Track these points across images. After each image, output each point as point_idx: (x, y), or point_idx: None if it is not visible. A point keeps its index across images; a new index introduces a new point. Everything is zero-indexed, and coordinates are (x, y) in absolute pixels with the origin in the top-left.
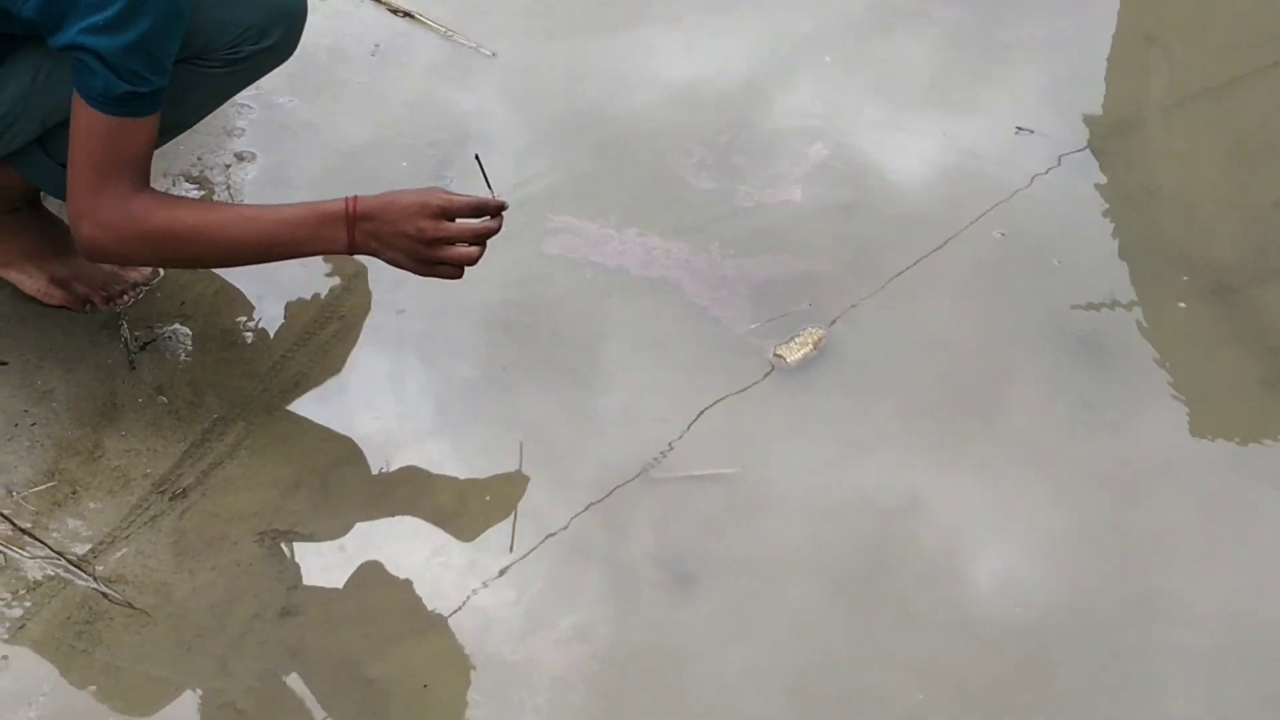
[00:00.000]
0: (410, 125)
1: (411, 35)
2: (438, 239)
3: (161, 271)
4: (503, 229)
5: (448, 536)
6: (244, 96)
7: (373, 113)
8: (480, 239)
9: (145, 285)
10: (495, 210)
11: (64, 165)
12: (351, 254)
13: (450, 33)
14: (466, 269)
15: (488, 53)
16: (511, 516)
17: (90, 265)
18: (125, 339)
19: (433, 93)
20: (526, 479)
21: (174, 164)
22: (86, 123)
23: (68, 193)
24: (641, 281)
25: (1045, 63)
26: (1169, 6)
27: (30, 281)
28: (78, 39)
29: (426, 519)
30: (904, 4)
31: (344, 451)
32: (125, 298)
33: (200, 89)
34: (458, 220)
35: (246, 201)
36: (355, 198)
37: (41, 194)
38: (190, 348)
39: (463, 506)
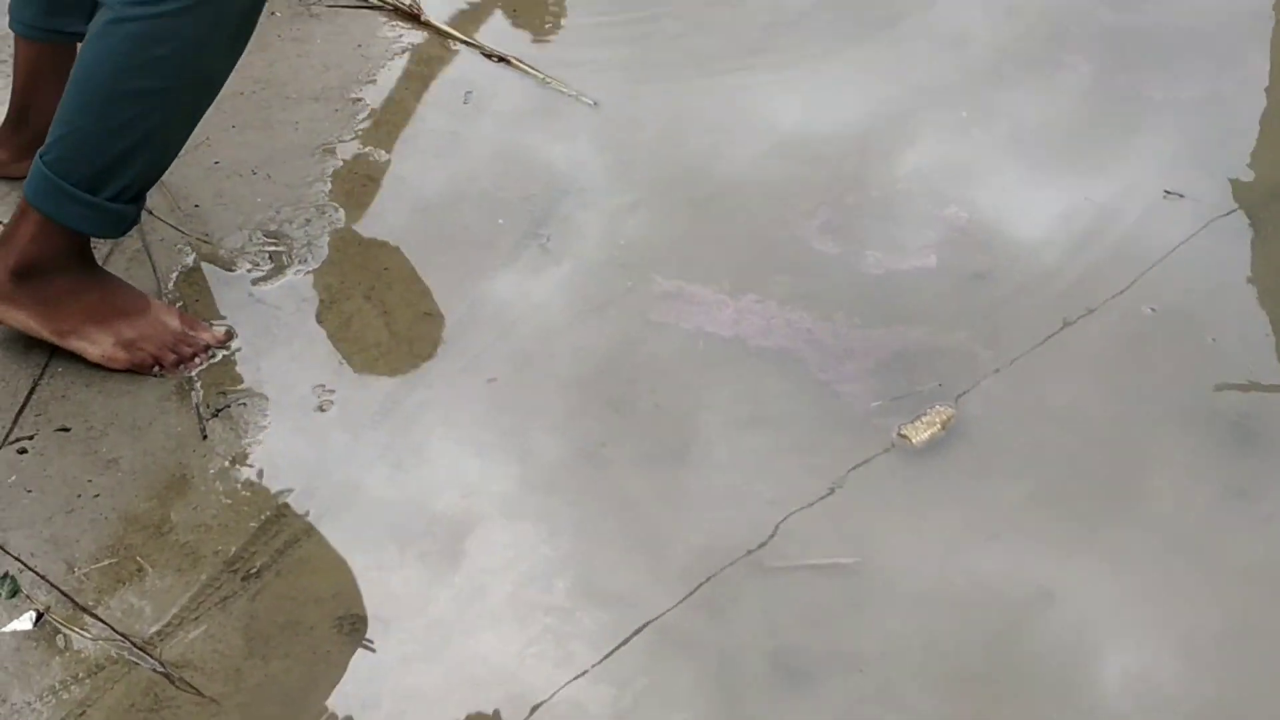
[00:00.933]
0: (503, 178)
1: (507, 81)
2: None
3: (236, 334)
4: (603, 293)
5: (540, 624)
6: (325, 143)
7: (463, 164)
8: None
9: (218, 347)
10: None
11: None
12: None
13: (548, 79)
14: None
15: (588, 101)
16: (608, 604)
17: (159, 325)
18: (197, 405)
19: (528, 143)
20: (623, 563)
21: (251, 216)
22: None
23: None
24: (758, 352)
25: (1194, 120)
26: None
27: (94, 348)
28: None
29: (516, 605)
30: (1038, 53)
31: (427, 530)
32: (196, 360)
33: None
34: None
35: (327, 257)
36: None
37: (93, 243)
38: (266, 416)
39: (554, 592)
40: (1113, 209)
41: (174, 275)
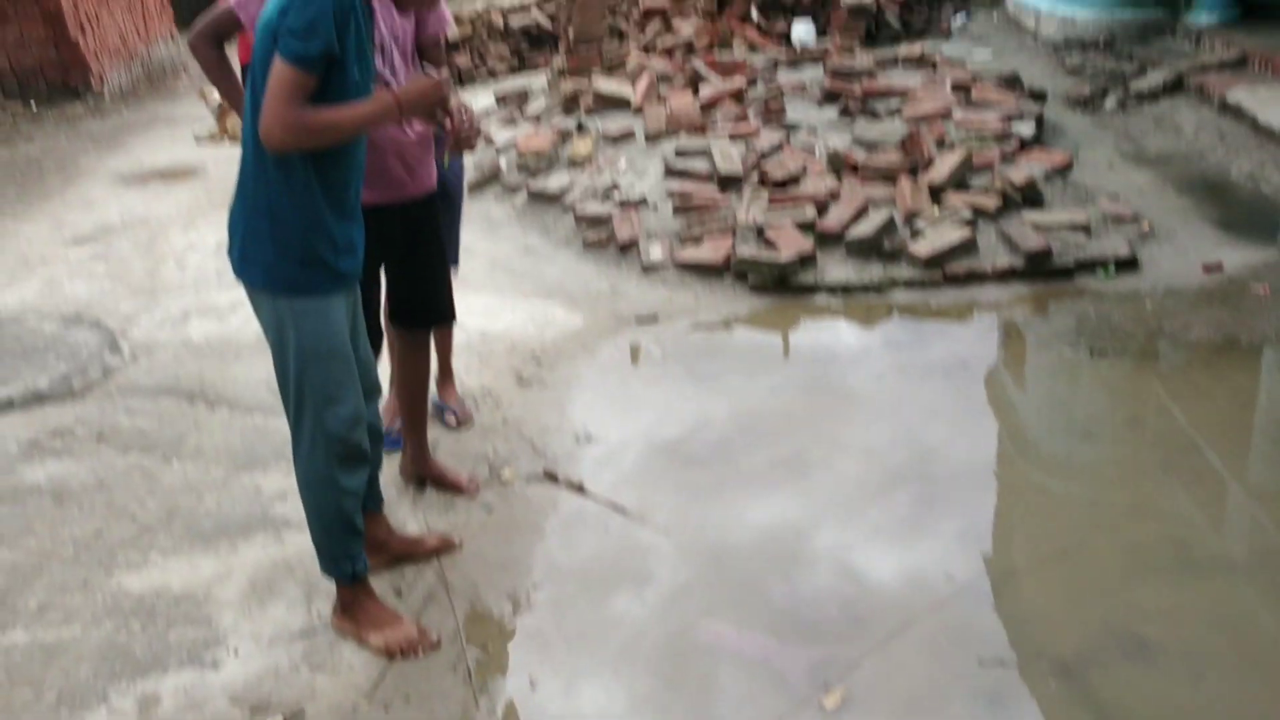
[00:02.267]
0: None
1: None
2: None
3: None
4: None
5: None
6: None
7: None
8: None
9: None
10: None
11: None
12: (400, 116)
13: (620, 507)
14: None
15: (661, 535)
16: None
17: (406, 631)
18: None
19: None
20: None
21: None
22: (279, 73)
23: (263, 116)
24: (742, 658)
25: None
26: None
27: (374, 640)
28: (281, 30)
29: None
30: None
31: None
32: (421, 653)
33: None
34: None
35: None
36: (393, 91)
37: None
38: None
39: None
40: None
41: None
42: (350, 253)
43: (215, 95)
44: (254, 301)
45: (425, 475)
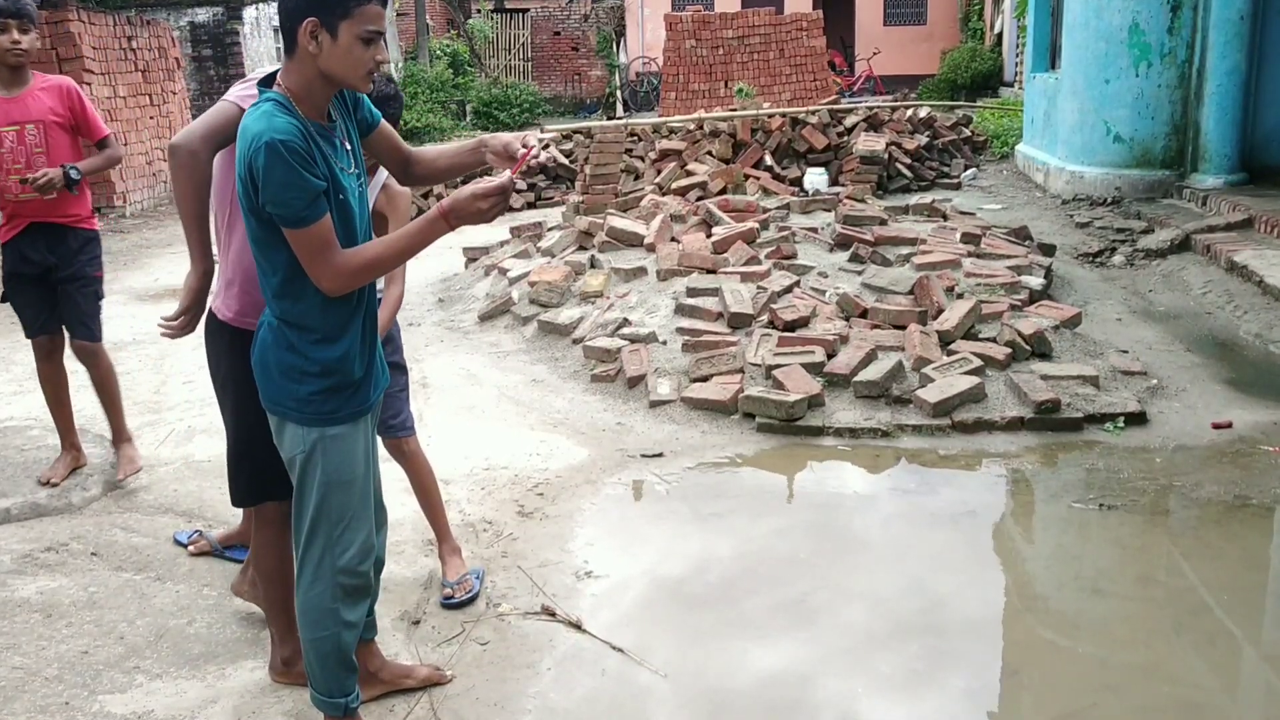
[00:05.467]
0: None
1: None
2: (487, 205)
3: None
4: None
5: None
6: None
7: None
8: (502, 192)
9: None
10: (508, 184)
11: None
12: (451, 229)
13: (618, 648)
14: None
15: (659, 678)
16: None
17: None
18: None
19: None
20: None
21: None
22: (297, 240)
23: (311, 276)
24: None
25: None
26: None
27: None
28: (266, 209)
29: None
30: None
31: None
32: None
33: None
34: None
35: None
36: (440, 202)
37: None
38: None
39: None
40: None
41: None
42: (382, 371)
43: None
44: (280, 432)
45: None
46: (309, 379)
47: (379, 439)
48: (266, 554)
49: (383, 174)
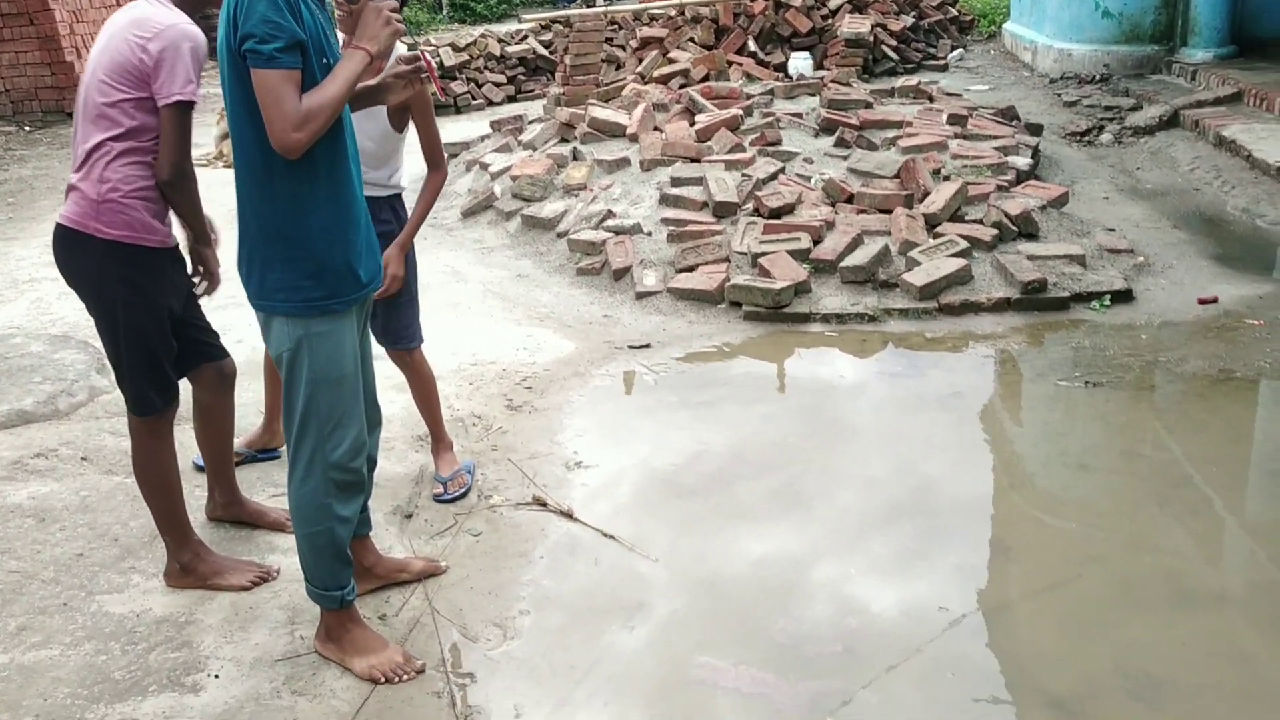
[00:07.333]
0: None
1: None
2: (382, 20)
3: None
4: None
5: None
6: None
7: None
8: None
9: (419, 671)
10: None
11: None
12: (373, 57)
13: (610, 534)
14: None
15: (651, 558)
16: None
17: (390, 657)
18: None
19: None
20: None
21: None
22: (263, 82)
23: (270, 133)
24: (736, 692)
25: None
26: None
27: (357, 666)
28: (242, 50)
29: None
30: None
31: None
32: (408, 676)
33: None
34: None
35: None
36: (347, 39)
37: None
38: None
39: None
40: (916, 603)
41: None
42: (370, 253)
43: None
44: (267, 328)
45: (242, 517)
46: (291, 266)
47: (386, 349)
48: (148, 463)
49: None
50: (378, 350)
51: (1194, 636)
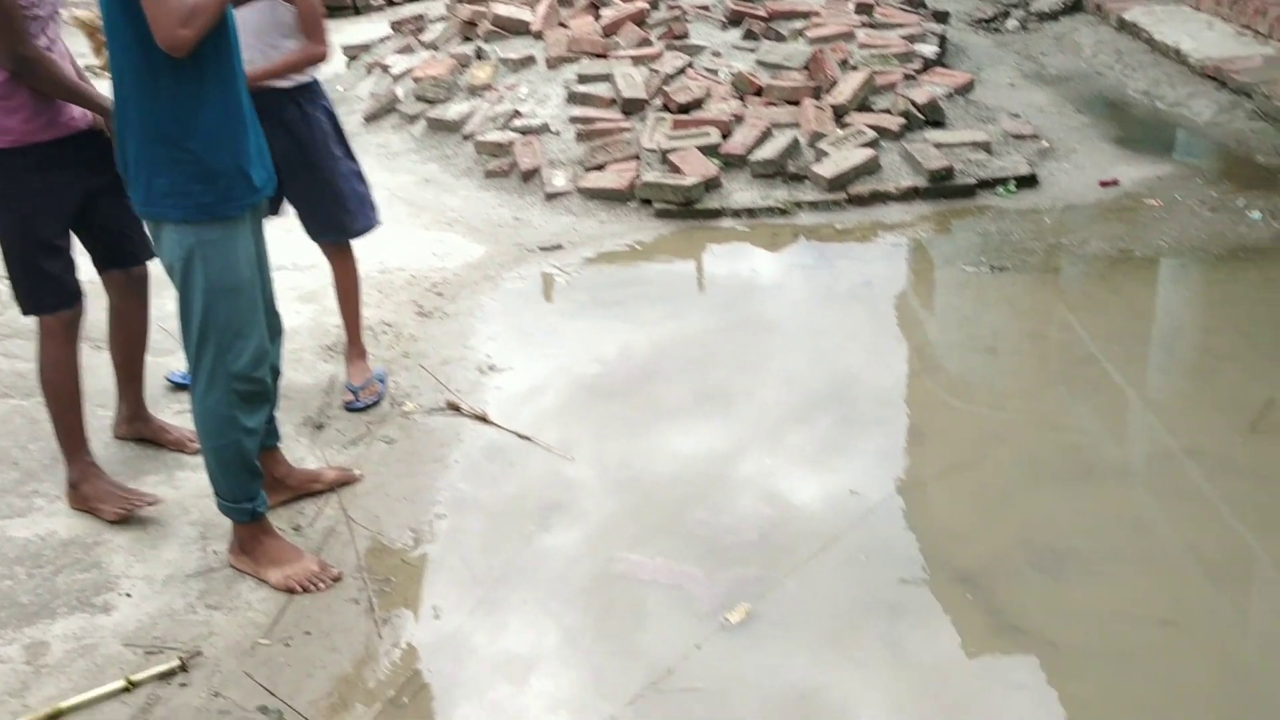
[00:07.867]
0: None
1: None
2: None
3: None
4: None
5: None
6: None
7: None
8: None
9: (335, 579)
10: None
11: None
12: None
13: (523, 435)
14: None
15: (569, 459)
16: None
17: (306, 566)
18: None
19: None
20: None
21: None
22: None
23: (155, 29)
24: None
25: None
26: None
27: (273, 577)
28: None
29: None
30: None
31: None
32: (323, 585)
33: None
34: None
35: None
36: None
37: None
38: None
39: None
40: (831, 495)
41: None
42: (261, 158)
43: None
44: (158, 237)
45: (145, 435)
46: (179, 170)
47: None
48: (50, 367)
49: None
50: (279, 261)
51: (1096, 508)
